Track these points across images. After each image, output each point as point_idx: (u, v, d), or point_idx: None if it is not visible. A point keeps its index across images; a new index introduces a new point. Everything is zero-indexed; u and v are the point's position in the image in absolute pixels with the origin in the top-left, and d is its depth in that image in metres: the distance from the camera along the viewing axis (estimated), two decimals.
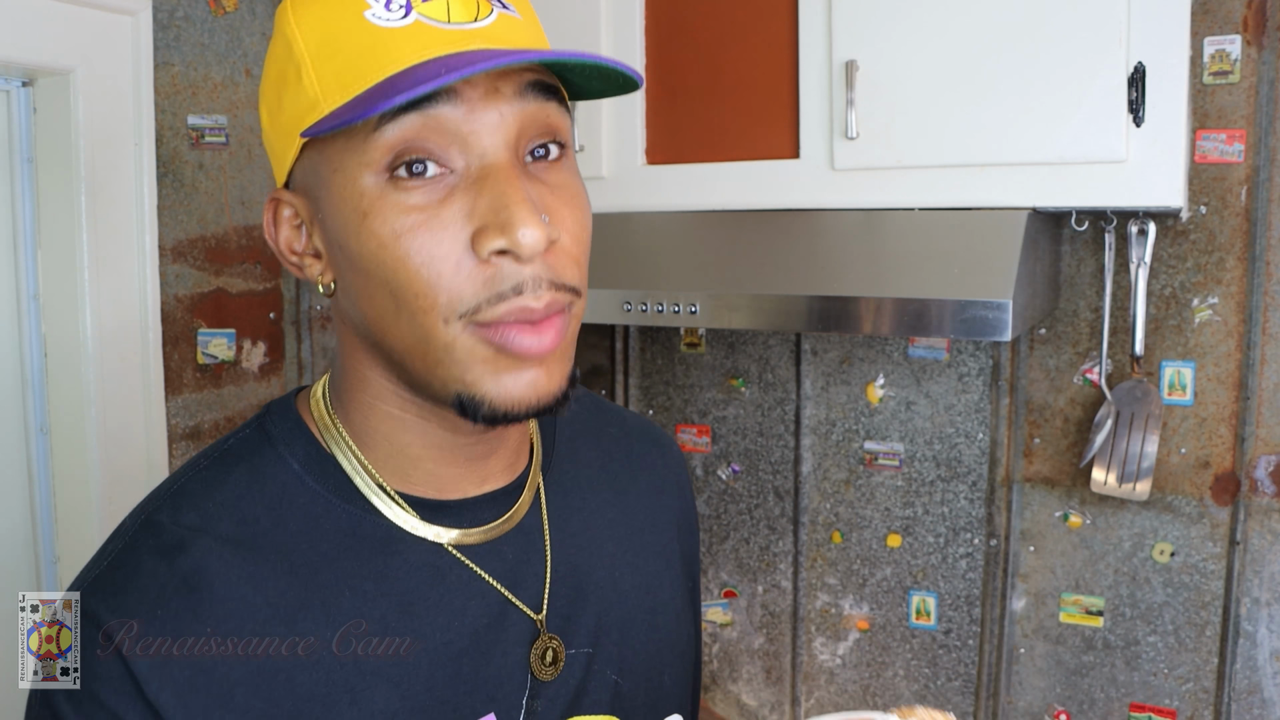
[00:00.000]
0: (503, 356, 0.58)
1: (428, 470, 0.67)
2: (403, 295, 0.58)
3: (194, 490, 0.65)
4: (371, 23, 0.57)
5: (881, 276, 1.37)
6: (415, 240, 0.57)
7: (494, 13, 0.60)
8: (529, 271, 0.57)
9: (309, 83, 0.59)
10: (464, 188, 0.57)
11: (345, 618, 0.63)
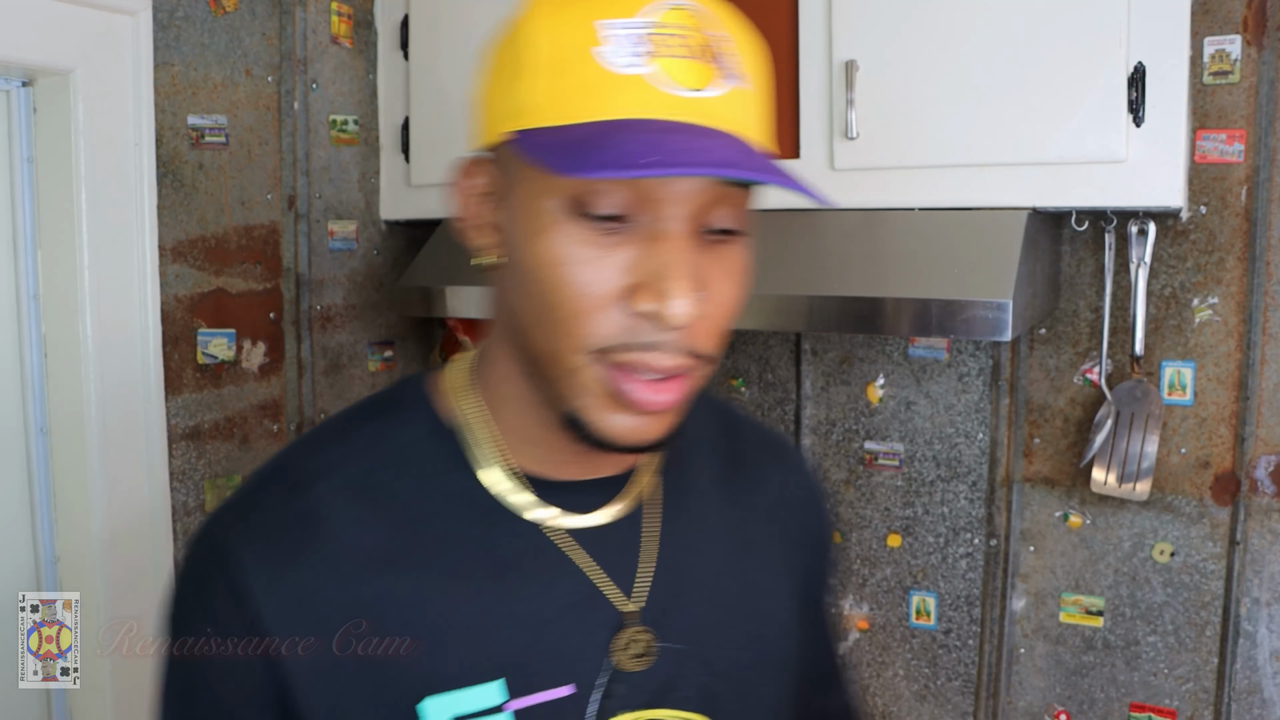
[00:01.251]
0: (619, 399, 0.62)
1: (540, 452, 0.70)
2: (550, 313, 0.62)
3: (325, 440, 0.73)
4: (598, 61, 0.60)
5: (881, 276, 1.37)
6: (576, 273, 0.60)
7: (723, 86, 0.61)
8: (669, 337, 0.61)
9: (529, 88, 0.62)
10: (636, 241, 0.61)
11: (440, 572, 0.68)
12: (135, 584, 1.49)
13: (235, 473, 1.65)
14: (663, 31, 0.60)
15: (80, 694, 1.46)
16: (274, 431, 1.72)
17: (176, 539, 1.55)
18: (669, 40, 0.60)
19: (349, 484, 0.69)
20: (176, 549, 1.55)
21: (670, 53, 0.60)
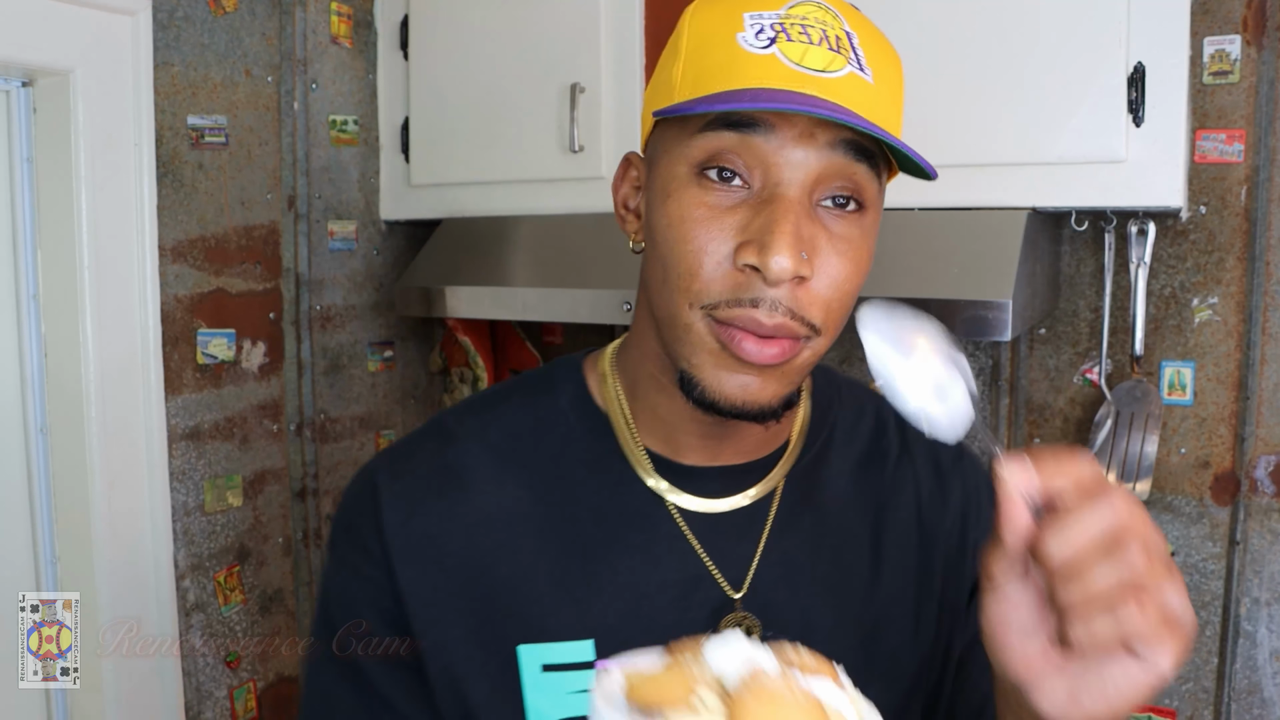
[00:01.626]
0: (726, 354, 0.66)
1: (668, 433, 0.75)
2: (669, 271, 0.67)
3: (478, 405, 0.81)
4: (739, 43, 0.65)
5: (881, 276, 1.37)
6: (695, 230, 0.65)
7: (845, 69, 0.65)
8: (772, 293, 0.64)
9: (676, 72, 0.68)
10: (751, 204, 0.65)
11: (558, 534, 0.74)
12: (135, 584, 1.49)
13: (235, 473, 1.65)
14: (800, 22, 0.66)
15: (80, 694, 1.46)
16: (274, 431, 1.72)
17: (176, 539, 1.55)
18: (804, 29, 0.65)
19: (491, 446, 0.77)
20: (176, 549, 1.55)
21: (803, 38, 0.65)
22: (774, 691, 0.42)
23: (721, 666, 0.45)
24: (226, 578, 1.64)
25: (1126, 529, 0.49)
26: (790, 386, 0.69)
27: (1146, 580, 0.49)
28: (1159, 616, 0.49)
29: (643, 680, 0.43)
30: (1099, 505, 0.50)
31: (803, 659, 0.48)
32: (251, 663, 1.68)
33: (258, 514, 1.69)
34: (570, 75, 1.58)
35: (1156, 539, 0.50)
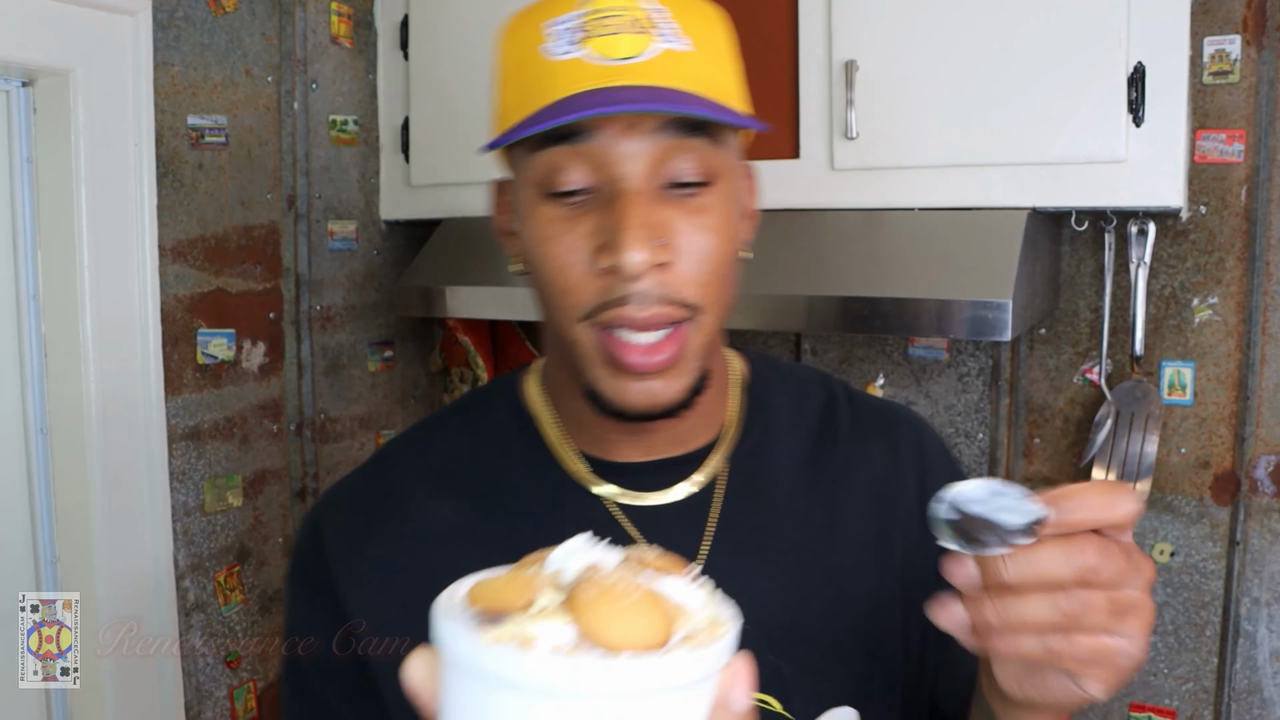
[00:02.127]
0: (615, 364, 0.67)
1: (598, 435, 0.76)
2: (546, 290, 0.68)
3: (419, 429, 0.84)
4: (542, 55, 0.66)
5: (881, 276, 1.37)
6: (554, 247, 0.67)
7: (657, 48, 0.66)
8: (637, 286, 0.64)
9: (501, 97, 0.70)
10: (598, 206, 0.66)
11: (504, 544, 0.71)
12: (135, 584, 1.49)
13: (235, 473, 1.65)
14: (597, 16, 0.66)
15: (80, 694, 1.46)
16: (274, 431, 1.72)
17: (176, 539, 1.55)
18: (605, 22, 0.66)
19: (431, 468, 0.79)
20: (176, 549, 1.55)
21: (604, 31, 0.65)
22: (609, 584, 0.42)
23: (562, 566, 0.45)
24: (226, 578, 1.64)
25: (1085, 581, 0.50)
26: (693, 375, 0.69)
27: (1084, 623, 0.50)
28: (1089, 654, 0.51)
29: (485, 586, 0.43)
30: (1068, 552, 0.50)
31: (653, 560, 0.48)
32: (251, 663, 1.68)
33: (258, 514, 1.69)
34: None
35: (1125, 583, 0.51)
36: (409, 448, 0.82)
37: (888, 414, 0.86)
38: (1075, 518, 0.50)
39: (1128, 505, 0.51)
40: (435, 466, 0.79)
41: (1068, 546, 0.50)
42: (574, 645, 0.40)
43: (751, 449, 0.79)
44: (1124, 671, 0.52)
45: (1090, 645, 0.51)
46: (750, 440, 0.80)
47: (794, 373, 0.87)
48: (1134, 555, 0.52)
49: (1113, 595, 0.51)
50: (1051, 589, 0.50)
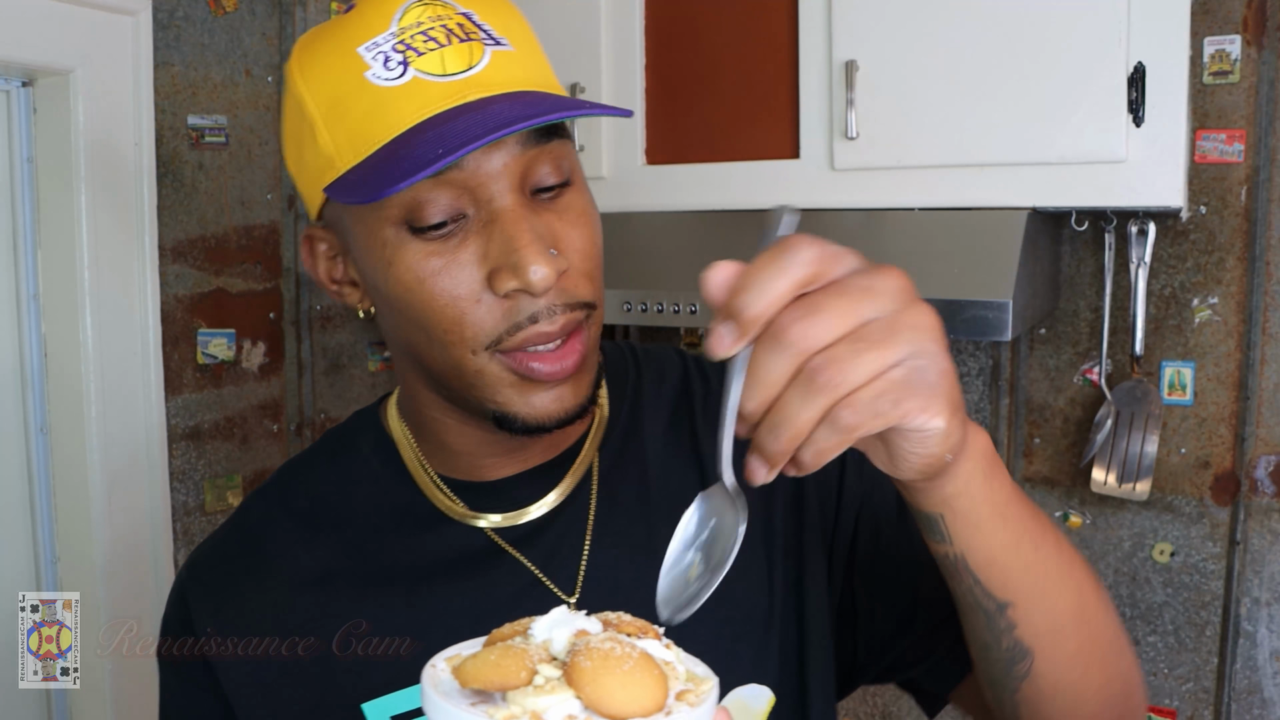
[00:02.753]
0: (528, 381, 0.64)
1: (468, 460, 0.73)
2: (433, 330, 0.64)
3: (284, 473, 0.80)
4: (372, 83, 0.61)
5: None
6: (438, 282, 0.62)
7: (486, 54, 0.63)
8: (543, 302, 0.62)
9: (324, 142, 0.63)
10: (476, 231, 0.62)
11: (378, 582, 0.72)
12: (135, 584, 1.49)
13: (235, 473, 1.65)
14: (418, 29, 0.62)
15: (80, 694, 1.46)
16: (274, 431, 1.72)
17: (176, 539, 1.55)
18: (424, 35, 0.62)
19: (295, 512, 0.76)
20: (176, 549, 1.55)
21: (429, 47, 0.62)
22: (605, 652, 0.42)
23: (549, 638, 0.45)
24: None
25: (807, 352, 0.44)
26: (593, 371, 0.68)
27: (849, 383, 0.44)
28: (879, 403, 0.45)
29: (475, 665, 0.43)
30: (775, 346, 0.45)
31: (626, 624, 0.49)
32: None
33: None
34: (570, 75, 1.58)
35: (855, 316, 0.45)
36: (270, 494, 0.78)
37: None
38: (754, 312, 0.45)
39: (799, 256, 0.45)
40: (300, 510, 0.76)
41: (768, 339, 0.45)
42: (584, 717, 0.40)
43: (618, 438, 0.77)
44: (935, 387, 0.46)
45: (871, 395, 0.45)
46: (618, 428, 0.77)
47: (649, 355, 0.84)
48: (852, 284, 0.45)
49: (853, 341, 0.44)
50: (786, 384, 0.45)
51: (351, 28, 0.63)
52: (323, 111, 0.63)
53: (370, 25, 0.63)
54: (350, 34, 0.63)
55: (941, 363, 0.46)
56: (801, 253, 0.45)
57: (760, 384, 0.45)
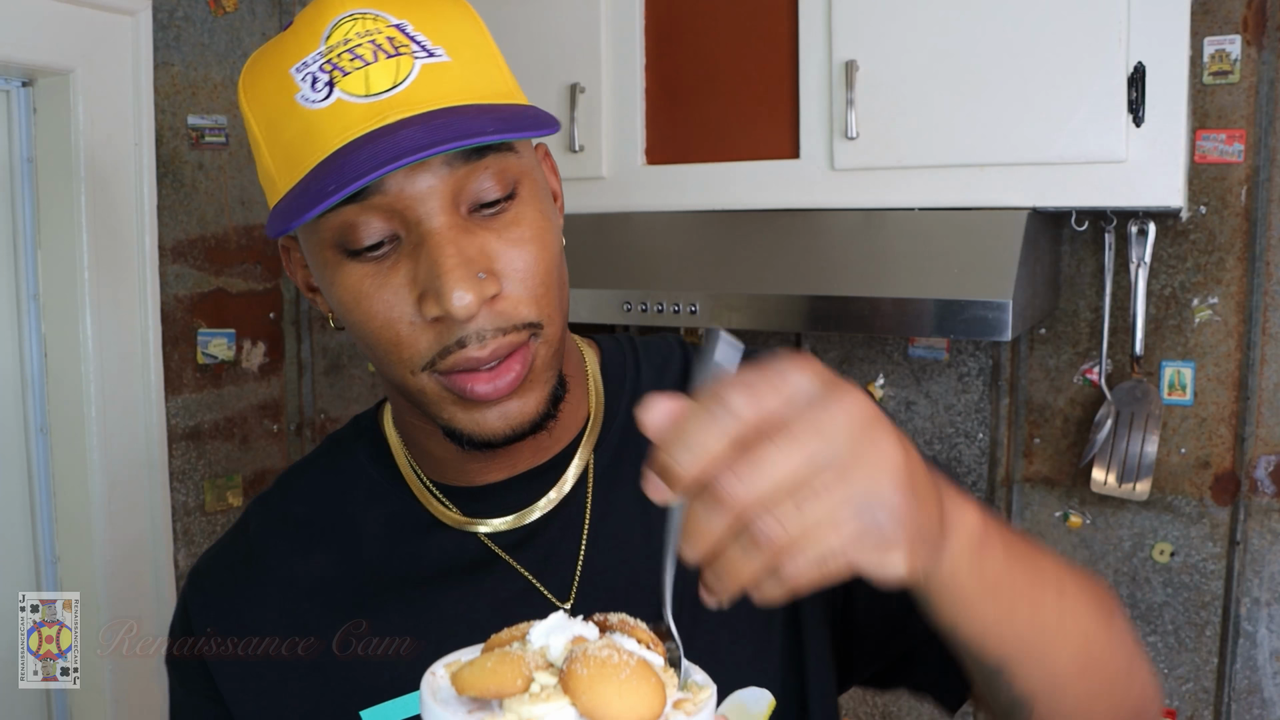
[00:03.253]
0: (468, 400, 0.63)
1: (456, 466, 0.72)
2: (373, 348, 0.64)
3: (285, 479, 0.80)
4: (301, 106, 0.61)
5: (881, 276, 1.37)
6: (372, 305, 0.62)
7: (414, 68, 0.61)
8: (472, 326, 0.61)
9: (266, 160, 0.64)
10: (408, 253, 0.61)
11: (374, 589, 0.72)
12: (135, 584, 1.49)
13: (235, 473, 1.65)
14: (346, 47, 0.61)
15: (80, 694, 1.46)
16: (274, 431, 1.72)
17: (176, 539, 1.55)
18: (352, 53, 0.61)
19: (293, 518, 0.76)
20: (176, 549, 1.55)
21: (354, 66, 0.60)
22: (602, 660, 0.42)
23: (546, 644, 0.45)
24: None
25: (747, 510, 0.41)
26: (549, 385, 0.66)
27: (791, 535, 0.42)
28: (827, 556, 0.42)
29: (472, 672, 0.43)
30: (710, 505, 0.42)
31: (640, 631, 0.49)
32: None
33: None
34: (570, 75, 1.58)
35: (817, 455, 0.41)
36: (271, 501, 0.79)
37: None
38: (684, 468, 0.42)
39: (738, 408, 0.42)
40: (298, 516, 0.76)
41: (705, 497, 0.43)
42: None
43: (615, 438, 0.75)
44: (882, 529, 0.43)
45: (816, 552, 0.42)
46: (614, 429, 0.76)
47: (649, 347, 0.82)
48: (800, 428, 0.42)
49: (796, 494, 0.41)
50: (728, 538, 0.43)
51: (286, 48, 0.63)
52: (263, 131, 0.63)
53: (302, 45, 0.62)
54: (284, 54, 0.63)
55: (896, 501, 0.43)
56: (735, 401, 0.42)
57: (698, 536, 0.43)
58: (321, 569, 0.74)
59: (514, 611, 0.67)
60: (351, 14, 0.62)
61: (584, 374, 0.77)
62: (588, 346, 0.81)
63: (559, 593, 0.71)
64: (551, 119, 0.61)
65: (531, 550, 0.71)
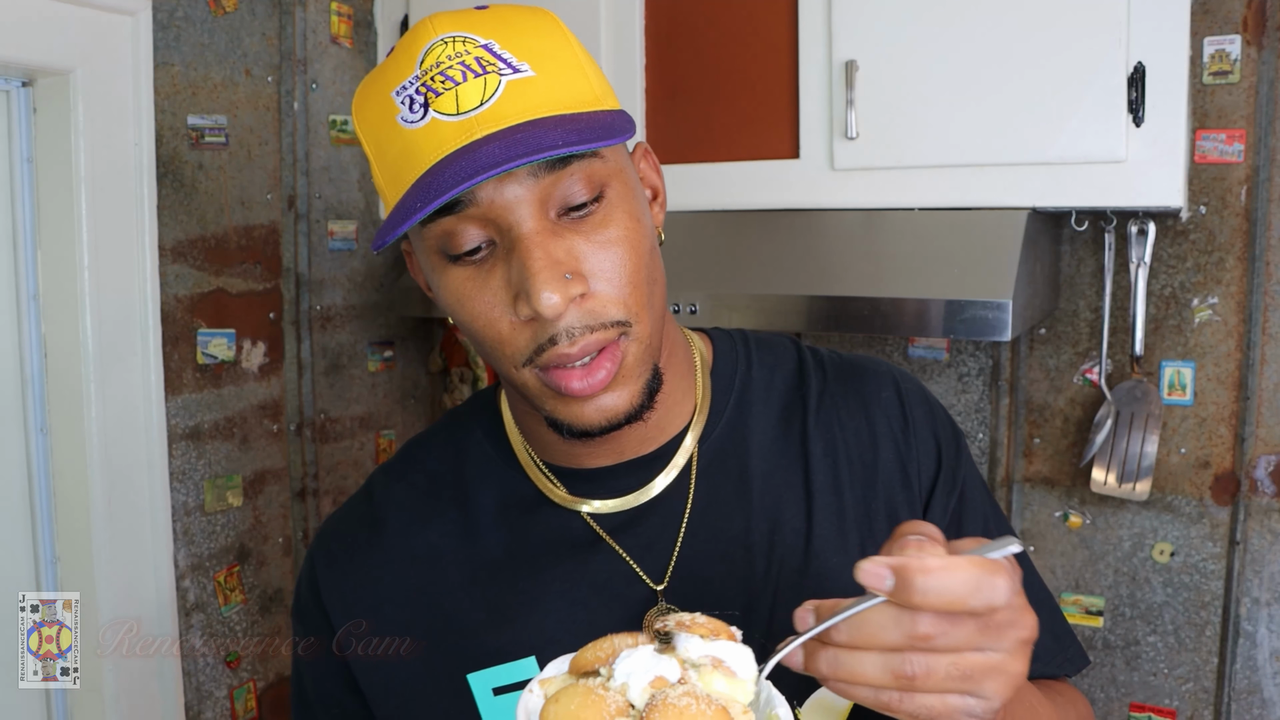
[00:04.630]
0: (562, 395, 0.68)
1: (564, 449, 0.77)
2: (481, 344, 0.70)
3: (408, 449, 0.86)
4: (401, 126, 0.66)
5: (881, 276, 1.37)
6: (475, 305, 0.68)
7: (500, 85, 0.65)
8: (562, 325, 0.65)
9: (376, 175, 0.70)
10: (502, 257, 0.66)
11: (486, 560, 0.77)
12: (135, 584, 1.49)
13: (235, 473, 1.65)
14: (438, 69, 0.66)
15: (80, 694, 1.46)
16: (274, 431, 1.72)
17: (176, 539, 1.55)
18: (443, 74, 0.65)
19: (414, 487, 0.82)
20: (176, 549, 1.55)
21: (445, 86, 0.65)
22: (681, 708, 0.43)
23: (628, 682, 0.47)
24: (226, 578, 1.64)
25: (919, 648, 0.50)
26: (643, 378, 0.70)
27: (920, 685, 0.50)
28: (925, 712, 0.51)
29: (558, 712, 0.45)
30: (898, 618, 0.50)
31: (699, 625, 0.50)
32: (251, 663, 1.68)
33: (258, 514, 1.69)
34: None
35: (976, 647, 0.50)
36: (393, 470, 0.84)
37: (857, 372, 0.84)
38: (913, 600, 0.49)
39: (989, 595, 0.50)
40: (420, 486, 0.82)
41: (900, 613, 0.50)
42: None
43: (723, 431, 0.79)
44: (959, 712, 0.51)
45: (926, 704, 0.50)
46: (720, 422, 0.80)
47: (762, 344, 0.86)
48: (995, 619, 0.51)
49: (958, 659, 0.50)
50: (883, 650, 0.50)
51: (387, 73, 0.68)
52: (373, 150, 0.69)
53: (400, 70, 0.67)
54: (386, 79, 0.68)
55: (992, 711, 0.51)
56: (992, 592, 0.50)
57: (863, 633, 0.51)
58: (439, 538, 0.79)
59: (612, 592, 0.74)
60: (443, 38, 0.67)
61: (692, 367, 0.81)
62: (701, 340, 0.85)
63: (654, 577, 0.75)
64: (627, 125, 0.66)
65: (632, 534, 0.76)
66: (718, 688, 0.48)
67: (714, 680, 0.48)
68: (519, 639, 0.74)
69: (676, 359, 0.79)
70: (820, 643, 0.52)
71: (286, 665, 1.74)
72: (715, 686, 0.48)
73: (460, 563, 0.78)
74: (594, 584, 0.75)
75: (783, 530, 0.76)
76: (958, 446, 0.84)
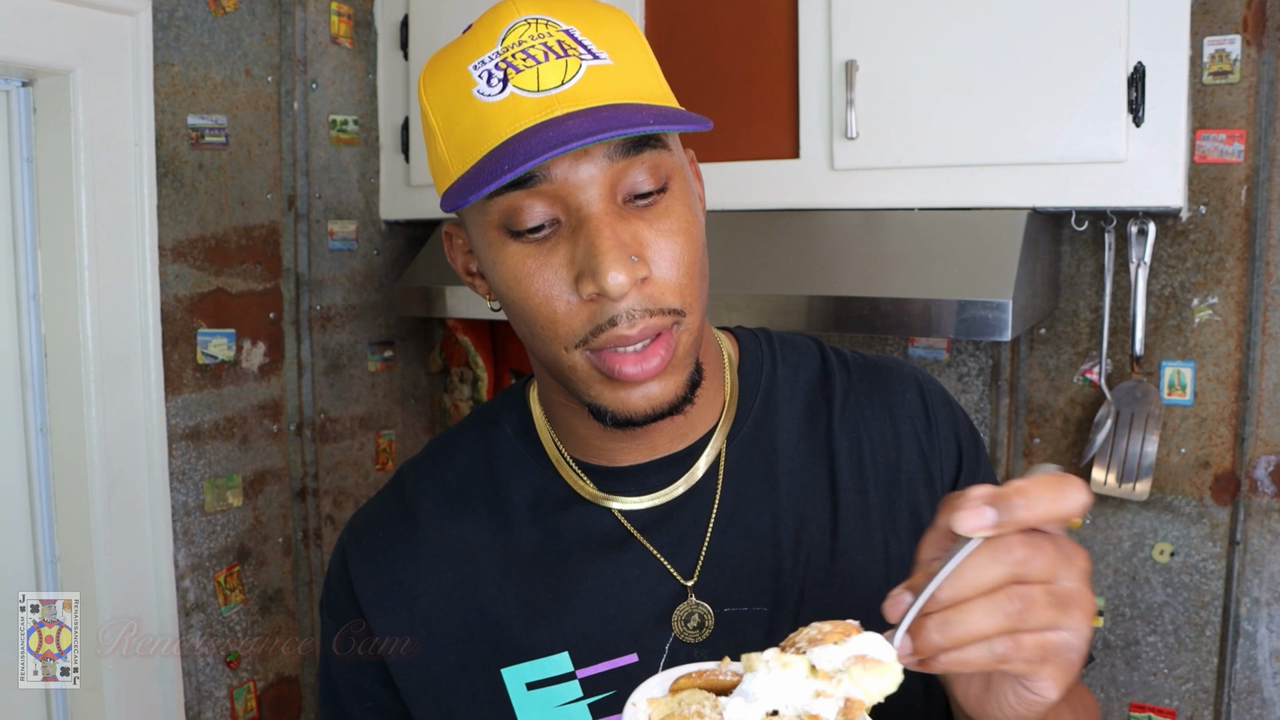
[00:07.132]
0: (615, 381, 0.69)
1: (597, 445, 0.78)
2: (531, 326, 0.70)
3: (437, 446, 0.86)
4: (477, 99, 0.67)
5: (881, 276, 1.37)
6: (533, 283, 0.68)
7: (581, 68, 0.67)
8: (623, 306, 0.66)
9: (441, 149, 0.70)
10: (567, 236, 0.67)
11: (517, 556, 0.78)
12: (135, 584, 1.49)
13: (235, 473, 1.65)
14: (520, 48, 0.67)
15: (80, 694, 1.46)
16: (274, 431, 1.72)
17: (176, 539, 1.55)
18: (524, 53, 0.67)
19: (446, 484, 0.82)
20: (176, 549, 1.55)
21: (529, 63, 0.66)
22: None
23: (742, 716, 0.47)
24: (226, 578, 1.64)
25: (1018, 578, 0.50)
26: (688, 370, 0.71)
27: (1027, 621, 0.50)
28: (1036, 652, 0.51)
29: None
30: (995, 552, 0.50)
31: (829, 633, 0.51)
32: (251, 663, 1.68)
33: (258, 514, 1.69)
34: None
35: (1059, 575, 0.51)
36: (425, 465, 0.85)
37: (880, 372, 0.86)
38: (1020, 516, 0.50)
39: (1077, 497, 0.50)
40: (451, 483, 0.82)
41: (994, 547, 0.50)
42: None
43: (749, 430, 0.81)
44: (1072, 666, 0.52)
45: (1036, 642, 0.51)
46: (747, 421, 0.81)
47: (786, 343, 0.87)
48: (1063, 545, 0.52)
49: (1049, 588, 0.51)
50: (989, 593, 0.51)
51: (466, 47, 0.69)
52: (441, 122, 0.70)
53: (480, 44, 0.68)
54: (464, 53, 0.69)
55: (1084, 649, 0.52)
56: (1077, 494, 0.50)
57: (966, 582, 0.51)
58: (471, 533, 0.80)
59: (643, 588, 0.76)
60: (526, 19, 0.68)
61: (721, 365, 0.83)
62: (727, 339, 0.86)
63: (684, 573, 0.76)
64: (704, 117, 0.67)
65: (662, 531, 0.77)
66: (870, 683, 0.49)
67: (864, 678, 0.49)
68: (552, 635, 0.76)
69: (710, 357, 0.80)
70: (924, 615, 0.52)
71: (287, 665, 1.74)
72: (868, 684, 0.49)
73: (494, 558, 0.79)
74: (625, 580, 0.76)
75: (809, 528, 0.78)
76: (977, 447, 0.85)
